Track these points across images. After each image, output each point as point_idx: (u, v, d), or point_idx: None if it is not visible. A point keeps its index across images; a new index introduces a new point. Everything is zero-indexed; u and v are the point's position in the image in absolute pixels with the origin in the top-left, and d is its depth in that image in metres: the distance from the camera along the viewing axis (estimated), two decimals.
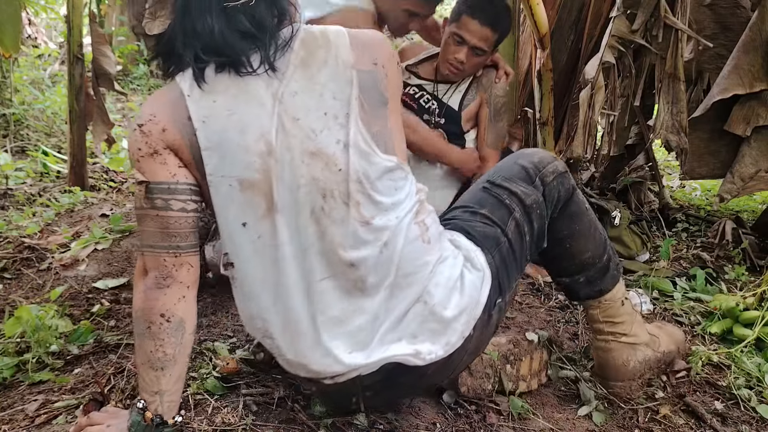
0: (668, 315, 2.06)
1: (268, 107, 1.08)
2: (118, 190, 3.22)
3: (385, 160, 1.12)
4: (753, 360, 1.75)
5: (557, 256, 1.48)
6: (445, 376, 1.34)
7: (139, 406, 1.13)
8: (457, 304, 1.20)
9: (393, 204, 1.13)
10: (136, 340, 1.13)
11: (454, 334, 1.20)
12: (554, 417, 1.47)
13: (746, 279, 2.33)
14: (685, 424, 1.50)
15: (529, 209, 1.36)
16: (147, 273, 1.13)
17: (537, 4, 2.33)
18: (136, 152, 1.10)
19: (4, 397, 1.41)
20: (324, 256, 1.11)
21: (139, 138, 1.10)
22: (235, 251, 1.12)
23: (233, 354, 1.54)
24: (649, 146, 3.01)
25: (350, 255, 1.10)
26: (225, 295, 1.95)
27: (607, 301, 1.51)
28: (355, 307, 1.13)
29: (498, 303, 1.30)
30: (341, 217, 1.09)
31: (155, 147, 1.10)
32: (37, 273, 2.07)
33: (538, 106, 2.63)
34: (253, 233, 1.10)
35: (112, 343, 1.64)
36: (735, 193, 2.47)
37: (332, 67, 1.10)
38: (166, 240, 1.11)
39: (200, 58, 1.08)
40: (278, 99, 1.08)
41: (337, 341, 1.13)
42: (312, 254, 1.11)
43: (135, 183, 1.12)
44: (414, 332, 1.17)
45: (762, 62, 2.36)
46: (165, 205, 1.10)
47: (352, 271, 1.11)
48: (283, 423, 1.31)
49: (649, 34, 2.44)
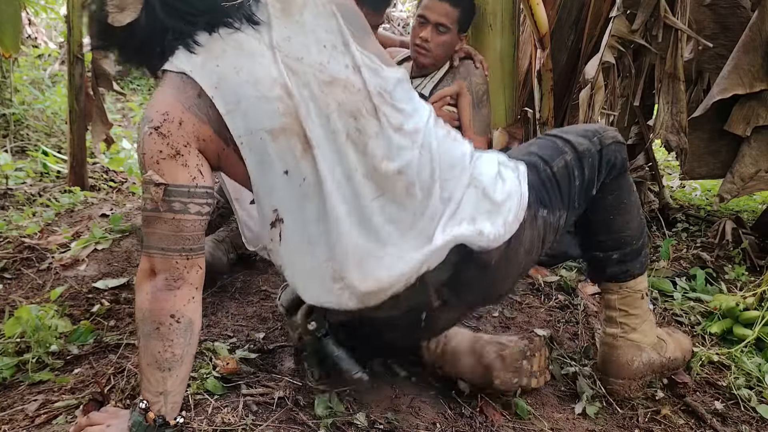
0: (668, 315, 2.06)
1: (269, 56, 1.12)
2: (118, 190, 3.22)
3: (392, 72, 1.21)
4: (753, 360, 1.75)
5: (598, 228, 1.51)
6: (507, 275, 1.34)
7: (142, 407, 1.13)
8: (503, 189, 1.26)
9: (414, 110, 1.22)
10: (141, 341, 1.13)
11: (509, 214, 1.24)
12: (554, 417, 1.47)
13: (746, 279, 2.33)
14: (685, 424, 1.50)
15: (581, 155, 1.40)
16: (154, 274, 1.12)
17: (537, 4, 2.33)
18: (155, 155, 1.09)
19: (4, 397, 1.41)
20: (370, 177, 1.15)
21: (158, 140, 1.09)
22: (282, 205, 1.15)
23: (233, 354, 1.54)
24: (649, 146, 3.01)
25: (394, 164, 1.16)
26: (225, 295, 1.95)
27: (628, 289, 1.52)
28: (411, 213, 1.18)
29: (542, 215, 1.34)
30: (375, 130, 1.15)
31: (176, 147, 1.10)
32: (37, 273, 2.07)
33: (538, 106, 2.63)
34: (296, 179, 1.13)
35: (112, 343, 1.63)
36: (735, 193, 2.47)
37: (312, 7, 1.17)
38: (179, 243, 1.11)
39: (189, 20, 1.11)
40: (275, 47, 1.13)
41: (405, 245, 1.17)
42: (358, 179, 1.14)
43: (151, 185, 1.10)
44: (472, 215, 1.21)
45: (762, 62, 2.36)
46: (183, 208, 1.11)
47: (401, 180, 1.16)
48: (283, 423, 1.31)
49: (649, 34, 2.44)
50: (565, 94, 2.91)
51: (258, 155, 1.12)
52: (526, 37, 2.82)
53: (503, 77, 2.55)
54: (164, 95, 1.12)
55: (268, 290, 2.03)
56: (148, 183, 1.10)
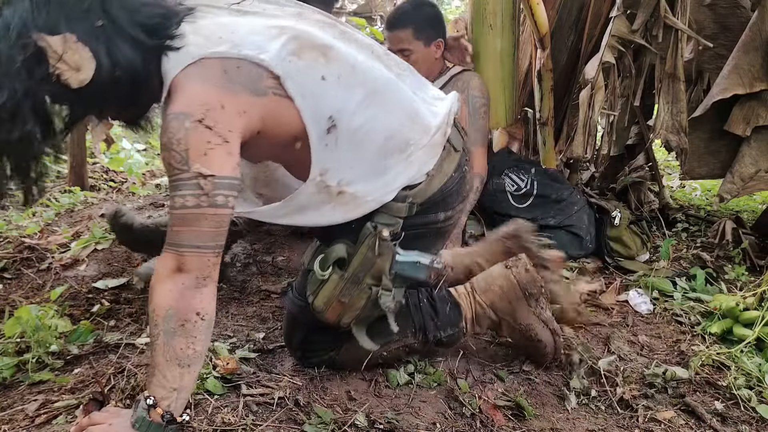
0: (668, 315, 2.06)
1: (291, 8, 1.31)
2: (118, 190, 3.22)
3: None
4: (753, 360, 1.75)
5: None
6: None
7: (148, 403, 1.11)
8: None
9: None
10: (160, 338, 1.10)
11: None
12: (554, 417, 1.47)
13: (746, 279, 2.33)
14: (685, 424, 1.50)
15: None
16: (181, 272, 1.11)
17: (537, 4, 2.33)
18: (203, 146, 1.09)
19: (4, 397, 1.41)
20: (380, 58, 1.37)
21: (204, 132, 1.09)
22: (333, 106, 1.24)
23: (233, 354, 1.54)
24: (649, 146, 3.00)
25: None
26: (225, 296, 1.96)
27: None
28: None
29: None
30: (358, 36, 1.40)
31: (223, 134, 1.11)
32: (37, 273, 2.07)
33: (538, 106, 2.63)
34: (333, 78, 1.24)
35: (112, 343, 1.63)
36: (735, 193, 2.47)
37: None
38: (215, 239, 1.12)
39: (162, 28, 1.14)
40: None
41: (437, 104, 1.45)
42: (379, 54, 1.37)
43: (201, 178, 1.08)
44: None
45: (762, 62, 2.36)
46: (224, 202, 1.11)
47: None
48: (283, 423, 1.31)
49: (649, 34, 2.44)
50: (565, 94, 2.91)
51: (295, 77, 1.19)
52: (526, 37, 2.82)
53: (503, 77, 2.55)
54: (190, 89, 1.11)
55: (268, 290, 2.03)
56: (196, 177, 1.09)
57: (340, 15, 6.76)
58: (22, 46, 1.02)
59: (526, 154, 2.86)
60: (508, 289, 1.57)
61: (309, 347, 1.50)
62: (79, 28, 1.06)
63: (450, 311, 1.55)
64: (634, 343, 1.88)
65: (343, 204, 1.32)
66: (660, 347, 1.87)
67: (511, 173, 2.47)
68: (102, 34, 1.09)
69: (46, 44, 1.04)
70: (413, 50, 2.31)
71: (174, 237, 1.12)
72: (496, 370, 1.63)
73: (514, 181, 2.46)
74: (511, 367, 1.66)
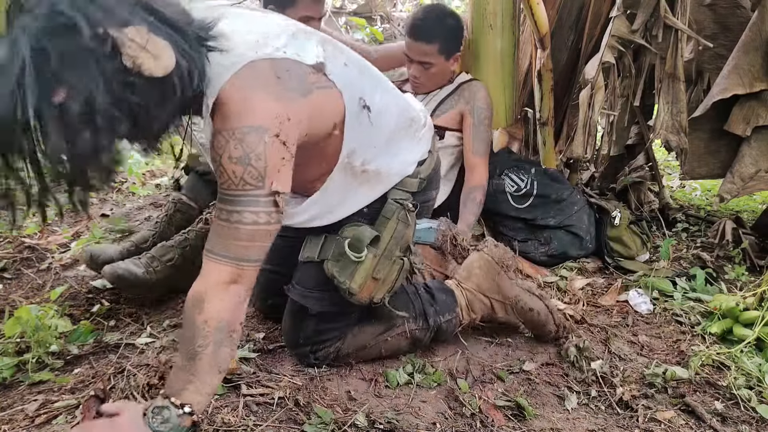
0: (668, 315, 2.06)
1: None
2: (118, 190, 3.22)
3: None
4: (753, 360, 1.75)
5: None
6: None
7: (186, 411, 1.08)
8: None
9: None
10: (209, 348, 1.09)
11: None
12: (554, 417, 1.47)
13: (746, 279, 2.33)
14: (685, 424, 1.50)
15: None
16: (238, 284, 1.11)
17: (537, 4, 2.33)
18: (278, 163, 1.08)
19: (4, 397, 1.41)
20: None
21: (280, 148, 1.08)
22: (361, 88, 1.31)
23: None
24: (649, 146, 3.00)
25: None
26: None
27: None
28: None
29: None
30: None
31: (292, 150, 1.12)
32: (37, 273, 2.07)
33: (538, 106, 2.63)
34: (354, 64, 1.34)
35: (112, 343, 1.64)
36: (735, 193, 2.46)
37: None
38: (265, 254, 1.15)
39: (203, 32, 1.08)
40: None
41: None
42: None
43: (277, 196, 1.08)
44: None
45: (762, 62, 2.35)
46: (279, 219, 1.13)
47: None
48: (283, 423, 1.31)
49: (649, 34, 2.43)
50: (565, 94, 2.91)
51: (330, 66, 1.22)
52: (526, 37, 2.81)
53: (503, 77, 2.55)
54: (257, 99, 1.08)
55: None
56: (272, 195, 1.09)
57: (340, 15, 6.76)
58: (99, 39, 0.92)
59: (526, 154, 2.86)
60: (488, 268, 1.69)
61: (319, 338, 1.51)
62: (140, 21, 0.97)
63: (446, 297, 1.64)
64: (634, 343, 1.88)
65: (366, 181, 1.40)
66: (660, 347, 1.87)
67: (511, 173, 2.47)
68: (159, 27, 1.00)
69: (123, 36, 0.94)
70: (435, 64, 2.30)
71: (239, 251, 1.10)
72: (496, 370, 1.63)
73: (514, 181, 2.46)
74: (511, 367, 1.66)
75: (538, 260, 2.38)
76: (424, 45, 2.26)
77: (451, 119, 2.39)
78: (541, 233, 2.41)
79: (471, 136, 2.36)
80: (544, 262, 2.38)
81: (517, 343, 1.78)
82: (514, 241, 2.35)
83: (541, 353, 1.75)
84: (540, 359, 1.72)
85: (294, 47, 1.17)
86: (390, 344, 1.57)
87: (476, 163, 2.36)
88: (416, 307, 1.59)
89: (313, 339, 1.51)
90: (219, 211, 1.12)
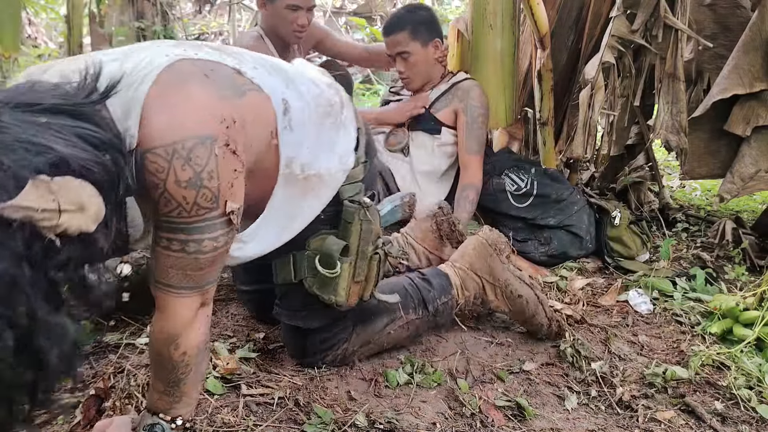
0: (668, 315, 2.06)
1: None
2: None
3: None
4: (753, 360, 1.75)
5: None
6: None
7: (178, 424, 1.11)
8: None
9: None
10: (191, 373, 1.09)
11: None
12: (554, 417, 1.47)
13: (746, 279, 2.33)
14: (685, 424, 1.50)
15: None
16: (205, 305, 1.08)
17: (537, 4, 2.33)
18: (230, 177, 0.95)
19: None
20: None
21: (231, 159, 0.94)
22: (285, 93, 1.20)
23: (233, 354, 1.54)
24: (649, 146, 3.00)
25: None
26: (225, 296, 1.95)
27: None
28: None
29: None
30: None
31: (242, 158, 0.99)
32: None
33: (538, 106, 2.63)
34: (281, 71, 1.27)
35: (112, 343, 1.63)
36: (735, 193, 2.47)
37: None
38: (221, 270, 1.10)
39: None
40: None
41: None
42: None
43: (233, 215, 0.97)
44: None
45: (762, 62, 2.35)
46: (234, 234, 1.05)
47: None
48: (283, 423, 1.31)
49: (649, 34, 2.44)
50: (565, 94, 2.91)
51: (245, 70, 1.11)
52: (526, 37, 2.81)
53: (503, 77, 2.55)
54: (194, 98, 0.92)
55: None
56: (227, 214, 0.97)
57: (340, 15, 6.77)
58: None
59: (526, 154, 2.86)
60: (481, 249, 1.74)
61: (325, 346, 1.50)
62: (27, 163, 0.70)
63: (441, 281, 1.68)
64: (634, 343, 1.88)
65: (310, 189, 1.26)
66: (660, 347, 1.87)
67: (511, 173, 2.47)
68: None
69: (25, 206, 0.68)
70: (411, 51, 2.34)
71: (201, 279, 1.01)
72: (496, 370, 1.63)
73: (514, 181, 2.46)
74: (511, 367, 1.66)
75: (538, 260, 2.38)
76: (395, 35, 2.34)
77: (446, 117, 2.41)
78: (541, 233, 2.41)
79: (465, 134, 2.38)
80: (544, 262, 2.38)
81: (517, 343, 1.78)
82: (515, 241, 2.35)
83: (541, 353, 1.75)
84: (540, 359, 1.72)
85: (204, 53, 1.03)
86: (393, 336, 1.58)
87: (470, 161, 2.37)
88: (414, 297, 1.61)
89: (319, 348, 1.50)
90: (169, 242, 0.96)
